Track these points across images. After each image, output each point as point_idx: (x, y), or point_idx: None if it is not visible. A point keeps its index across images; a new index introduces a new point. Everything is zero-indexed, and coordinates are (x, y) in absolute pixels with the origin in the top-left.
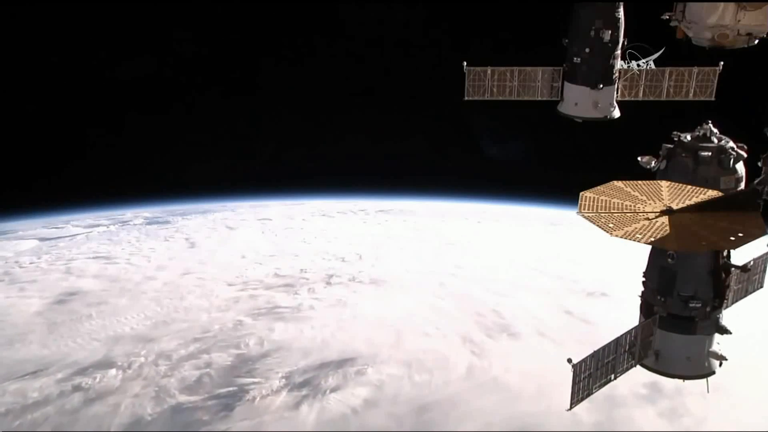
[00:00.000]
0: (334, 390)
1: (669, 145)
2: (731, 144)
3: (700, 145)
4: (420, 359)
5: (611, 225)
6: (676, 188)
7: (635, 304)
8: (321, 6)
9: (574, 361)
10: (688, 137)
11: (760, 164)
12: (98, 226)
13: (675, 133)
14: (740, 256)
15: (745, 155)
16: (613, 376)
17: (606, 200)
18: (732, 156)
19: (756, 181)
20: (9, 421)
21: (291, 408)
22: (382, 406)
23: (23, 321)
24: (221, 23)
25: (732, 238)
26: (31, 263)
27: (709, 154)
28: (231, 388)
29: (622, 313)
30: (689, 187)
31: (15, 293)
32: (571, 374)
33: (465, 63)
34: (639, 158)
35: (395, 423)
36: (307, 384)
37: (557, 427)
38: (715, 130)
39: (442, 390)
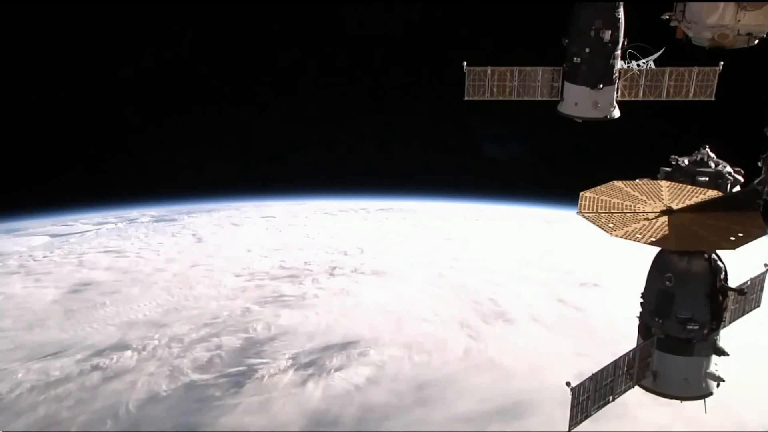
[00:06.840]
0: (338, 369)
1: (667, 169)
2: (728, 168)
3: (698, 170)
4: (419, 342)
5: (611, 225)
6: (676, 188)
7: (625, 294)
8: (322, 6)
9: (573, 384)
10: (686, 161)
11: (760, 164)
12: (106, 223)
13: (673, 156)
14: (738, 275)
15: (743, 180)
16: (611, 398)
17: (606, 200)
18: (729, 181)
19: (756, 181)
20: (35, 396)
21: (298, 385)
22: (384, 384)
23: (41, 308)
24: (224, 24)
25: (732, 238)
26: (44, 257)
27: (707, 179)
28: (241, 368)
29: (612, 302)
30: (689, 187)
31: (31, 283)
32: (564, 354)
33: (465, 63)
34: (637, 181)
35: (396, 398)
36: (312, 364)
37: (548, 402)
38: (713, 155)
39: (440, 369)
